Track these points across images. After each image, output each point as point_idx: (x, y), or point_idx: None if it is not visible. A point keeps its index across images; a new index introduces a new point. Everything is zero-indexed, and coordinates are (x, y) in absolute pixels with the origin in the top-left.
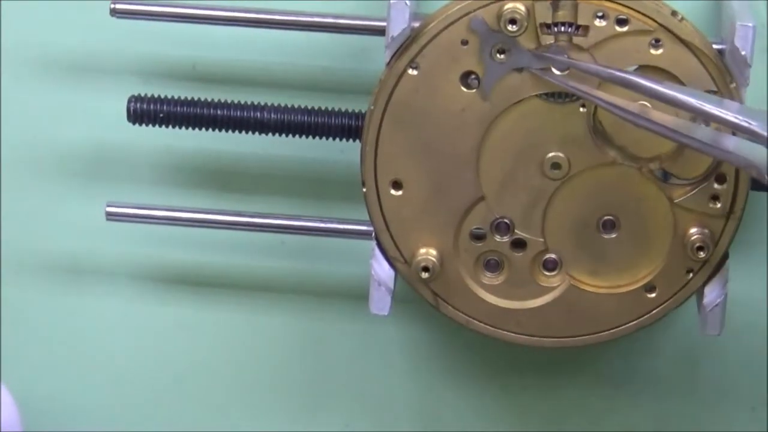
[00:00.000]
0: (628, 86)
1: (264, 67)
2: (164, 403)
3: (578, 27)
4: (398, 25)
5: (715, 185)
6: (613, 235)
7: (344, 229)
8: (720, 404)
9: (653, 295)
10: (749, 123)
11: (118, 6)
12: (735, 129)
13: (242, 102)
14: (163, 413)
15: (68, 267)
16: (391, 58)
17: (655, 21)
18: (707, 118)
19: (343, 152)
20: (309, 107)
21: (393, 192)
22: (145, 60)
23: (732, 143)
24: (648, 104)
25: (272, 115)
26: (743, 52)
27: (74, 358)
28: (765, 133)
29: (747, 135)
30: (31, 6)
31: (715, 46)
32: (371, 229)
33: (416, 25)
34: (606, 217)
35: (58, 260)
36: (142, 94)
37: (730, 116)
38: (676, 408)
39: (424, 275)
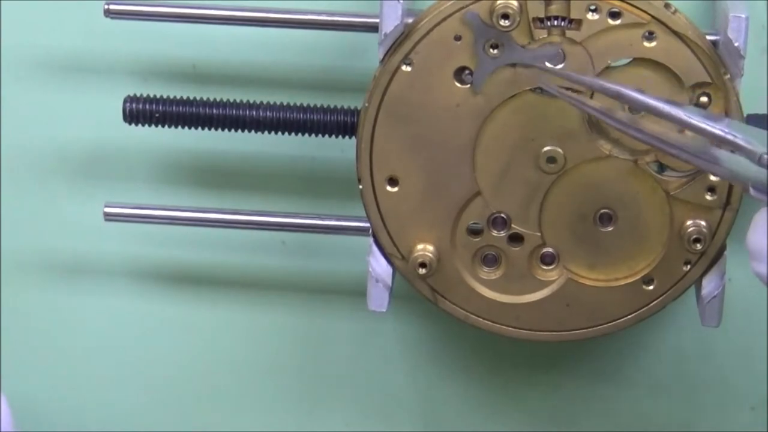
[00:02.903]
0: (618, 98)
1: (261, 65)
2: (163, 403)
3: (571, 21)
4: (390, 21)
5: (711, 177)
6: (610, 228)
7: (342, 226)
8: (720, 404)
9: (651, 287)
10: (735, 136)
11: (112, 6)
12: (720, 142)
13: (237, 101)
14: (162, 413)
15: (67, 266)
16: (385, 55)
17: (648, 13)
18: (694, 131)
19: (343, 151)
20: (304, 105)
21: (389, 188)
22: (145, 60)
23: (720, 156)
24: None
25: (267, 113)
26: (736, 43)
27: (72, 358)
28: (750, 147)
29: (732, 148)
30: (31, 6)
31: (708, 38)
32: (369, 225)
33: (409, 21)
34: (603, 211)
35: (57, 259)
36: (138, 95)
37: (716, 129)
38: (675, 407)
39: (422, 271)
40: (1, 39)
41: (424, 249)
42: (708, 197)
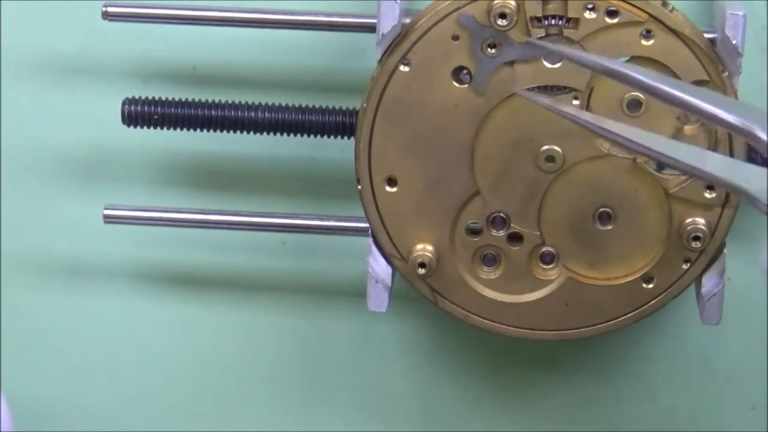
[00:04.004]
0: (618, 78)
1: (260, 67)
2: (163, 404)
3: (568, 20)
4: (388, 22)
5: None
6: (610, 227)
7: (342, 226)
8: (720, 404)
9: (651, 285)
10: (744, 121)
11: (110, 9)
12: (728, 128)
13: (236, 102)
14: (162, 413)
15: (66, 267)
16: (383, 55)
17: (646, 12)
18: (700, 115)
19: (342, 152)
20: (302, 105)
21: (388, 189)
22: (146, 62)
23: (713, 163)
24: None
25: (266, 115)
26: (734, 41)
27: (72, 358)
28: (761, 135)
29: (742, 135)
30: (31, 7)
31: (706, 36)
32: (368, 226)
33: (407, 21)
34: (602, 209)
35: (57, 260)
36: (137, 97)
37: (723, 114)
38: (675, 407)
39: (421, 271)
40: (1, 39)
41: (424, 249)
42: (707, 195)
